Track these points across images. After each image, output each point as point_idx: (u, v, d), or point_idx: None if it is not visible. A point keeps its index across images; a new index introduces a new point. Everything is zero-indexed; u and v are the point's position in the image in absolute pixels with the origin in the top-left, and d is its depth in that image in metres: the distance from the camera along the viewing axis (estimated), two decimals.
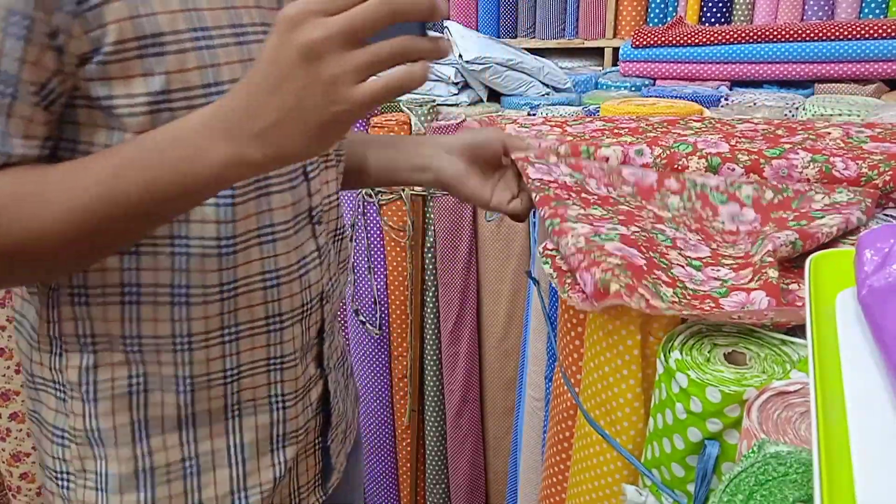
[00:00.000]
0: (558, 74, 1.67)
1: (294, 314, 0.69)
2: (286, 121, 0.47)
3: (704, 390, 0.55)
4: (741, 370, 0.57)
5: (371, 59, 0.45)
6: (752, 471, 0.42)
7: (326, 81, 0.45)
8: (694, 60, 1.64)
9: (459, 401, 1.57)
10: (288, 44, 0.45)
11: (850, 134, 0.84)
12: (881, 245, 0.39)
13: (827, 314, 0.42)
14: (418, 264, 1.56)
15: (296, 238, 0.67)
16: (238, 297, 0.65)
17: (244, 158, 0.48)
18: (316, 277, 0.70)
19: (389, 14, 0.44)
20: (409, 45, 0.45)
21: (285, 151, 0.48)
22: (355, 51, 0.45)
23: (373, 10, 0.44)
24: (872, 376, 0.36)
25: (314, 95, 0.45)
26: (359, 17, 0.44)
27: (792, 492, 0.40)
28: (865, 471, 0.31)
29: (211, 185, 0.51)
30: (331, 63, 0.44)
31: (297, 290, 0.68)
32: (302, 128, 0.47)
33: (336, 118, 0.46)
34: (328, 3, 0.45)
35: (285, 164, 0.51)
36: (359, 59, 0.45)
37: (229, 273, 0.63)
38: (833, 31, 1.51)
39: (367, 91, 0.45)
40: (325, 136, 0.48)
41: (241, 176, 0.51)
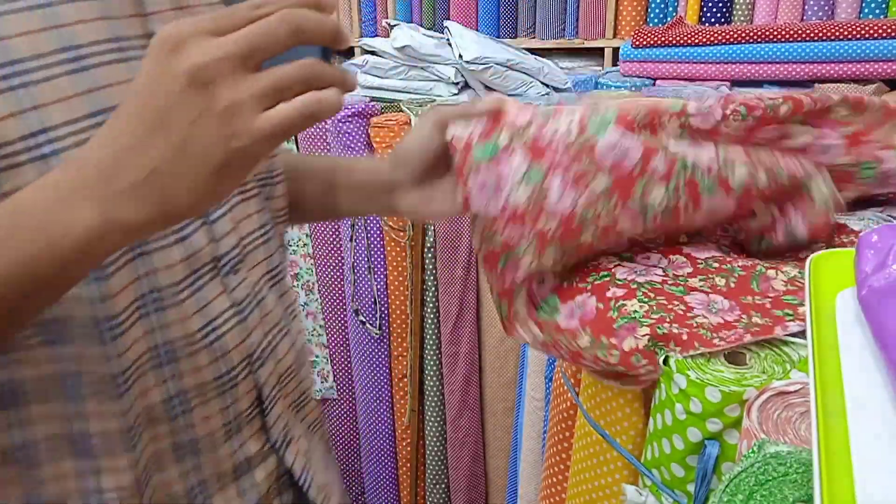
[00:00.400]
0: (558, 74, 1.67)
1: (206, 390, 0.55)
2: (170, 166, 0.37)
3: (704, 390, 0.55)
4: (741, 370, 0.57)
5: (274, 84, 0.37)
6: (752, 471, 0.42)
7: (222, 112, 0.36)
8: (694, 60, 1.64)
9: (459, 401, 1.57)
10: (169, 70, 0.36)
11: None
12: (881, 245, 0.40)
13: (827, 314, 0.42)
14: (418, 264, 1.56)
15: (195, 300, 0.54)
16: (133, 385, 0.51)
17: (116, 223, 0.38)
18: (236, 340, 0.57)
19: (290, 33, 0.37)
20: (318, 69, 0.38)
21: (171, 206, 0.39)
22: (255, 75, 0.37)
23: (272, 29, 0.37)
24: (872, 376, 0.36)
25: (207, 130, 0.37)
26: (255, 36, 0.37)
27: (792, 492, 0.40)
28: (865, 471, 0.31)
29: (78, 260, 0.40)
30: (226, 90, 0.36)
31: (205, 361, 0.55)
32: (192, 174, 0.38)
33: (236, 157, 0.38)
34: (217, 20, 0.37)
35: (173, 222, 0.41)
36: (260, 84, 0.37)
37: (120, 362, 0.50)
38: (833, 31, 1.51)
39: (272, 121, 0.37)
40: (223, 180, 0.39)
41: (115, 245, 0.41)
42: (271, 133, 0.37)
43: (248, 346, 0.58)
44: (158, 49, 0.37)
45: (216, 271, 0.55)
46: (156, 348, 0.52)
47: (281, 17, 0.37)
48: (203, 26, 0.37)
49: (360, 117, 1.52)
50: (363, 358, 1.68)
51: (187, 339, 0.53)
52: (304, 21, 0.37)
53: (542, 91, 1.62)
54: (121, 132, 0.38)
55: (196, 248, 0.54)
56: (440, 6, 2.10)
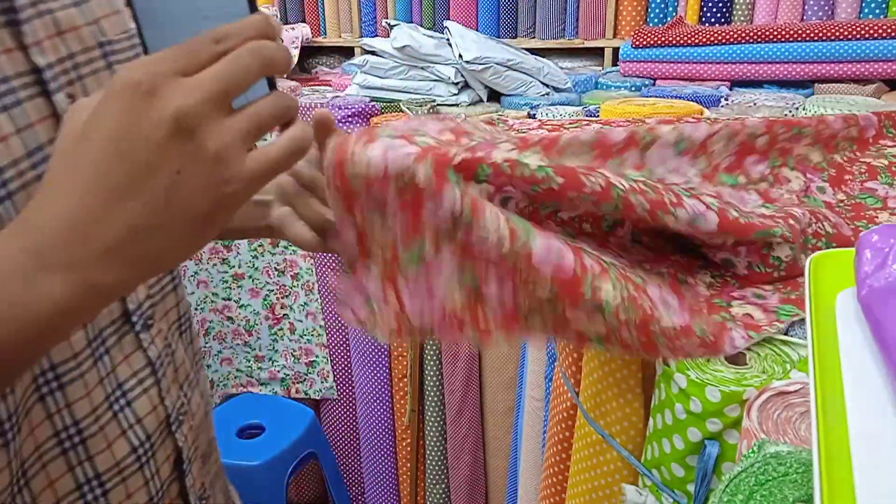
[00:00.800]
0: (558, 74, 1.67)
1: (123, 467, 0.50)
2: (153, 221, 0.34)
3: (704, 390, 0.55)
4: (741, 370, 0.57)
5: (256, 122, 0.35)
6: (752, 471, 0.42)
7: (212, 158, 0.34)
8: (694, 60, 1.64)
9: (459, 401, 1.57)
10: (148, 117, 0.33)
11: (811, 190, 0.80)
12: (881, 245, 0.40)
13: (827, 314, 0.42)
14: None
15: (101, 367, 0.48)
16: (33, 480, 0.45)
17: (93, 290, 0.34)
18: (152, 403, 0.51)
19: (262, 67, 0.35)
20: (288, 101, 0.37)
21: (155, 262, 0.36)
22: (233, 116, 0.35)
23: (245, 65, 0.34)
24: (872, 376, 0.36)
25: (196, 179, 0.34)
26: (231, 74, 0.34)
27: (792, 492, 0.40)
28: (865, 471, 0.31)
29: (50, 336, 0.36)
30: (212, 134, 0.34)
31: (117, 433, 0.49)
32: (177, 225, 0.35)
33: (227, 202, 0.35)
34: (181, 58, 0.34)
35: (154, 275, 0.38)
36: (243, 125, 0.35)
37: (16, 461, 0.44)
38: (833, 31, 1.51)
39: (261, 162, 0.35)
40: (209, 227, 0.36)
41: (93, 311, 0.38)
42: (262, 175, 0.36)
43: (169, 405, 0.53)
44: (129, 94, 0.33)
45: (128, 328, 0.50)
46: (64, 431, 0.46)
47: (251, 51, 0.35)
48: (171, 66, 0.34)
49: (359, 117, 1.52)
50: (363, 358, 1.68)
51: (95, 413, 0.47)
52: (271, 53, 0.35)
53: (542, 91, 1.62)
54: (88, 187, 0.33)
55: None
56: (440, 6, 2.10)
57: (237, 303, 1.79)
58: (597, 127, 0.72)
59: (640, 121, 1.04)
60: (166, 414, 0.53)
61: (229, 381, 1.87)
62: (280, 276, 1.75)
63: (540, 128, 1.03)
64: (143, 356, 0.51)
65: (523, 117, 1.45)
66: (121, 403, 0.49)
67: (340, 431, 1.85)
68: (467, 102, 1.60)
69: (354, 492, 1.88)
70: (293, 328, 1.79)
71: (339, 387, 1.81)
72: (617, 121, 1.06)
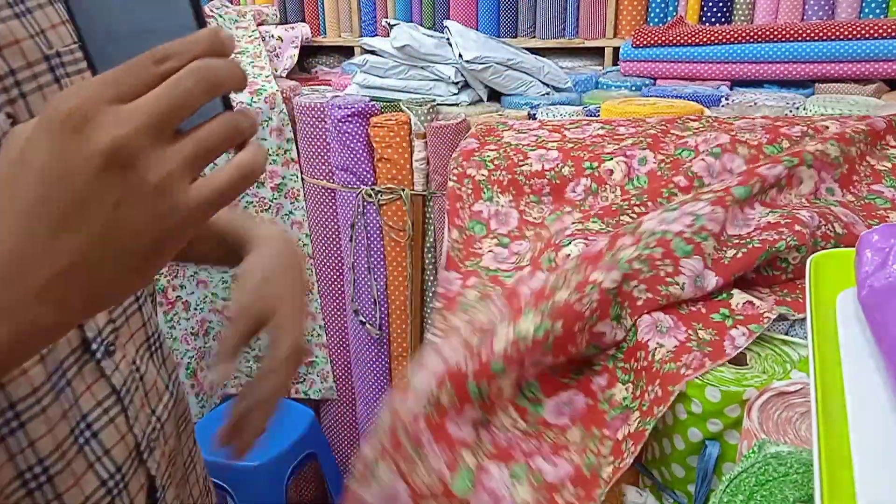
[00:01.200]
0: (558, 74, 1.67)
1: (94, 502, 0.48)
2: (91, 258, 0.32)
3: (704, 391, 0.55)
4: (741, 370, 0.57)
5: (201, 149, 0.32)
6: (753, 471, 0.42)
7: (153, 190, 0.31)
8: (694, 60, 1.64)
9: None
10: (80, 151, 0.30)
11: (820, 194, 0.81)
12: (881, 245, 0.39)
13: (827, 314, 0.42)
14: (418, 264, 1.56)
15: (63, 399, 0.46)
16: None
17: (27, 332, 0.33)
18: (119, 432, 0.49)
19: (208, 90, 0.32)
20: (238, 122, 0.34)
21: (95, 301, 0.34)
22: (176, 142, 0.32)
23: (188, 89, 0.31)
24: (872, 376, 0.36)
25: (135, 213, 0.32)
26: (172, 98, 0.31)
27: (792, 492, 0.40)
28: (865, 471, 0.31)
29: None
30: (152, 164, 0.31)
31: (84, 467, 0.47)
32: (118, 262, 0.32)
33: (171, 235, 0.33)
34: (118, 83, 0.31)
35: (97, 312, 0.37)
36: (186, 152, 0.32)
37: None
38: (833, 31, 1.51)
39: (207, 191, 0.33)
40: (153, 261, 0.34)
41: (29, 353, 0.36)
42: (207, 205, 0.33)
43: (139, 433, 0.51)
44: (59, 126, 0.31)
45: (88, 357, 0.48)
46: (22, 475, 0.44)
47: (194, 72, 0.32)
48: (105, 93, 0.31)
49: (359, 117, 1.52)
50: (363, 358, 1.68)
51: (59, 450, 0.45)
52: (219, 73, 0.32)
53: (543, 91, 1.62)
54: (23, 224, 0.31)
55: None
56: (440, 6, 2.10)
57: None
58: (579, 250, 0.73)
59: (641, 120, 1.04)
60: (136, 442, 0.51)
61: (229, 382, 1.87)
62: None
63: (540, 128, 1.03)
64: (106, 384, 0.49)
65: (523, 117, 1.45)
66: (86, 436, 0.47)
67: (340, 432, 1.85)
68: (467, 102, 1.60)
69: None
70: None
71: (338, 387, 1.81)
72: (617, 120, 1.06)
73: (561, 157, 0.88)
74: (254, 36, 1.94)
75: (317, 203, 1.66)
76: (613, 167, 0.85)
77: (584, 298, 0.63)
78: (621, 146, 0.89)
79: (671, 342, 0.59)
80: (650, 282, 0.64)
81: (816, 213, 0.70)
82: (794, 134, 0.85)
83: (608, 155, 0.87)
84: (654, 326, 0.62)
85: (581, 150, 0.90)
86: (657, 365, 0.58)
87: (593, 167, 0.86)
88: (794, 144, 0.82)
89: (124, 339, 0.52)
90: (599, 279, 0.63)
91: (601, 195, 0.84)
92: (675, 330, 0.61)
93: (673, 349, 0.59)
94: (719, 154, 0.81)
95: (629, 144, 0.89)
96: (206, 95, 0.32)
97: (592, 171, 0.85)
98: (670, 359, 0.58)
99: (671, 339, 0.60)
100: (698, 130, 0.92)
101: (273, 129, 1.67)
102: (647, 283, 0.64)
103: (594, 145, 0.92)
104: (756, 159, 0.80)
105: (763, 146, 0.82)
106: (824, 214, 0.70)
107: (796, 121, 0.91)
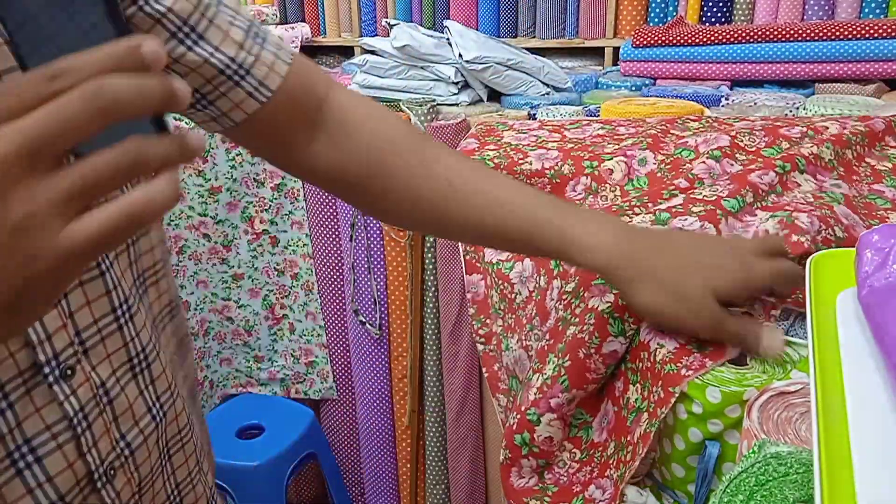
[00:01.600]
0: (558, 74, 1.67)
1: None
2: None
3: (705, 391, 0.55)
4: (741, 370, 0.57)
5: (84, 182, 0.27)
6: (753, 471, 0.42)
7: (13, 230, 0.27)
8: (694, 60, 1.64)
9: (459, 401, 1.57)
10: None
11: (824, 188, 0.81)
12: (881, 245, 0.39)
13: (827, 314, 0.42)
14: (418, 264, 1.56)
15: (1, 422, 0.43)
16: None
17: None
18: (67, 459, 0.46)
19: (99, 114, 0.27)
20: (142, 152, 0.28)
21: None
22: (54, 173, 0.27)
23: (72, 112, 0.26)
24: (873, 376, 0.36)
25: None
26: (51, 123, 0.26)
27: (792, 492, 0.40)
28: (865, 471, 0.31)
29: None
30: (16, 199, 0.27)
31: (20, 492, 0.44)
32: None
33: (37, 283, 0.28)
34: (7, 100, 0.27)
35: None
36: (63, 186, 0.27)
37: None
38: (833, 31, 1.51)
39: (83, 233, 0.28)
40: (19, 313, 0.29)
41: None
42: (82, 250, 0.28)
43: (86, 462, 0.47)
44: None
45: (39, 379, 0.44)
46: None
47: (83, 94, 0.27)
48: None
49: None
50: (363, 358, 1.68)
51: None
52: (117, 94, 0.27)
53: (543, 91, 1.62)
54: None
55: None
56: (440, 6, 2.10)
57: (237, 303, 1.78)
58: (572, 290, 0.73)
59: (641, 120, 1.04)
60: (88, 470, 0.47)
61: (229, 382, 1.87)
62: (280, 277, 1.75)
63: (540, 128, 1.03)
64: (57, 409, 0.45)
65: (523, 117, 1.45)
66: (27, 460, 0.44)
67: (340, 432, 1.85)
68: (467, 102, 1.60)
69: (354, 492, 1.88)
70: (293, 328, 1.79)
71: (338, 387, 1.81)
72: (618, 120, 1.06)
73: (561, 157, 0.88)
74: None
75: (317, 203, 1.66)
76: (613, 167, 0.85)
77: (585, 326, 0.64)
78: (621, 146, 0.89)
79: (671, 344, 0.59)
80: None
81: (817, 217, 0.69)
82: (794, 135, 0.85)
83: (608, 155, 0.87)
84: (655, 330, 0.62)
85: (581, 150, 0.90)
86: (658, 366, 0.58)
87: (593, 166, 0.86)
88: (792, 146, 0.82)
89: (96, 360, 0.48)
90: (595, 304, 0.64)
91: (601, 194, 0.84)
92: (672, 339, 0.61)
93: (673, 350, 0.59)
94: (720, 157, 0.81)
95: (629, 144, 0.89)
96: (99, 120, 0.27)
97: (592, 171, 0.85)
98: (670, 360, 0.58)
99: (671, 340, 0.60)
100: (698, 131, 0.92)
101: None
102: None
103: (594, 145, 0.92)
104: (753, 163, 0.80)
105: (761, 150, 0.82)
106: (825, 218, 0.70)
107: (796, 122, 0.91)
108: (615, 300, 0.64)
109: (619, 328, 0.63)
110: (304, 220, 1.71)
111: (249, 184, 1.69)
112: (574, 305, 0.67)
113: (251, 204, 1.71)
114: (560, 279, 0.72)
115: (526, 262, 0.79)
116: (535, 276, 0.77)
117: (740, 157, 0.82)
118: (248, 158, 1.66)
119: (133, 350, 0.51)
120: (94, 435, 0.48)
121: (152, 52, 0.28)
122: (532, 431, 0.65)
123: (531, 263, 0.79)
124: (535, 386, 0.66)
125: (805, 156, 0.79)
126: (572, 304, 0.67)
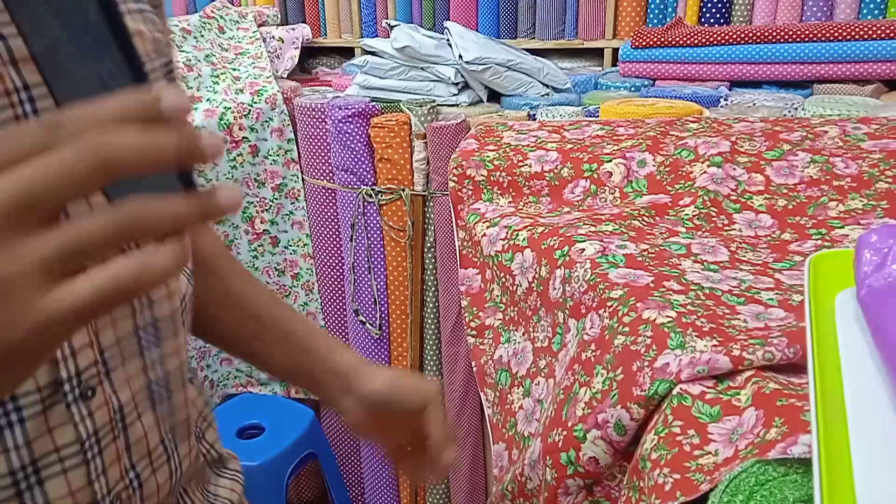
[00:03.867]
0: (558, 75, 1.67)
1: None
2: None
3: None
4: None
5: (73, 244, 0.25)
6: (753, 471, 0.42)
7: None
8: (693, 61, 1.64)
9: (459, 401, 1.57)
10: None
11: (848, 132, 0.84)
12: (881, 245, 0.40)
13: (826, 314, 0.42)
14: (418, 264, 1.56)
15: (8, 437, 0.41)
16: None
17: None
18: (71, 486, 0.43)
19: (98, 171, 0.25)
20: (142, 216, 0.26)
21: None
22: (43, 232, 0.25)
23: (66, 168, 0.24)
24: (872, 376, 0.36)
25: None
26: (42, 179, 0.24)
27: (792, 492, 0.40)
28: (865, 471, 0.31)
29: None
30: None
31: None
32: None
33: (15, 351, 0.26)
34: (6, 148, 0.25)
35: None
36: (50, 247, 0.25)
37: None
38: (832, 32, 1.51)
39: (67, 301, 0.26)
40: (4, 372, 0.27)
41: None
42: (64, 318, 0.26)
43: (92, 490, 0.45)
44: None
45: (59, 398, 0.42)
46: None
47: (83, 148, 0.24)
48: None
49: (360, 117, 1.52)
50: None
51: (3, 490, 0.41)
52: (122, 149, 0.25)
53: (542, 91, 1.63)
54: None
55: None
56: (440, 6, 2.10)
57: None
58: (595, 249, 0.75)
59: (641, 121, 1.04)
60: (93, 500, 0.44)
61: (229, 381, 1.87)
62: (280, 276, 1.76)
63: (540, 128, 1.03)
64: (71, 431, 0.42)
65: (523, 118, 1.45)
66: (30, 481, 0.41)
67: (340, 431, 1.85)
68: (467, 103, 1.60)
69: (354, 492, 1.88)
70: None
71: None
72: (617, 120, 1.06)
73: (560, 159, 0.88)
74: (255, 37, 1.94)
75: (317, 203, 1.67)
76: (612, 169, 0.85)
77: (639, 338, 0.62)
78: (620, 147, 0.90)
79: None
80: (710, 318, 0.64)
81: (850, 158, 0.74)
82: (794, 139, 0.86)
83: (607, 156, 0.87)
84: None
85: (580, 152, 0.90)
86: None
87: (592, 169, 0.86)
88: (793, 147, 0.83)
89: (117, 383, 0.45)
90: (653, 317, 0.63)
91: (600, 196, 0.84)
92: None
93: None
94: (721, 163, 0.82)
95: (629, 146, 0.89)
96: (100, 177, 0.25)
97: (591, 174, 0.86)
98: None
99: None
100: (698, 131, 0.92)
101: (274, 130, 1.67)
102: (708, 318, 0.64)
103: (593, 146, 0.92)
104: (757, 166, 0.81)
105: (762, 154, 0.83)
106: (855, 159, 0.75)
107: (795, 126, 0.91)
108: (676, 317, 0.63)
109: (679, 341, 0.61)
110: (305, 220, 1.71)
111: (250, 184, 1.69)
112: (622, 313, 0.65)
113: (252, 204, 1.71)
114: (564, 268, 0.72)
115: (526, 253, 0.79)
116: (534, 265, 0.77)
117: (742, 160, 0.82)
118: (249, 159, 1.67)
119: (151, 376, 0.48)
120: (105, 462, 0.45)
121: (171, 104, 0.25)
122: (578, 450, 0.63)
123: (531, 253, 0.78)
124: (584, 400, 0.64)
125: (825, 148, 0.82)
126: (619, 311, 0.66)
